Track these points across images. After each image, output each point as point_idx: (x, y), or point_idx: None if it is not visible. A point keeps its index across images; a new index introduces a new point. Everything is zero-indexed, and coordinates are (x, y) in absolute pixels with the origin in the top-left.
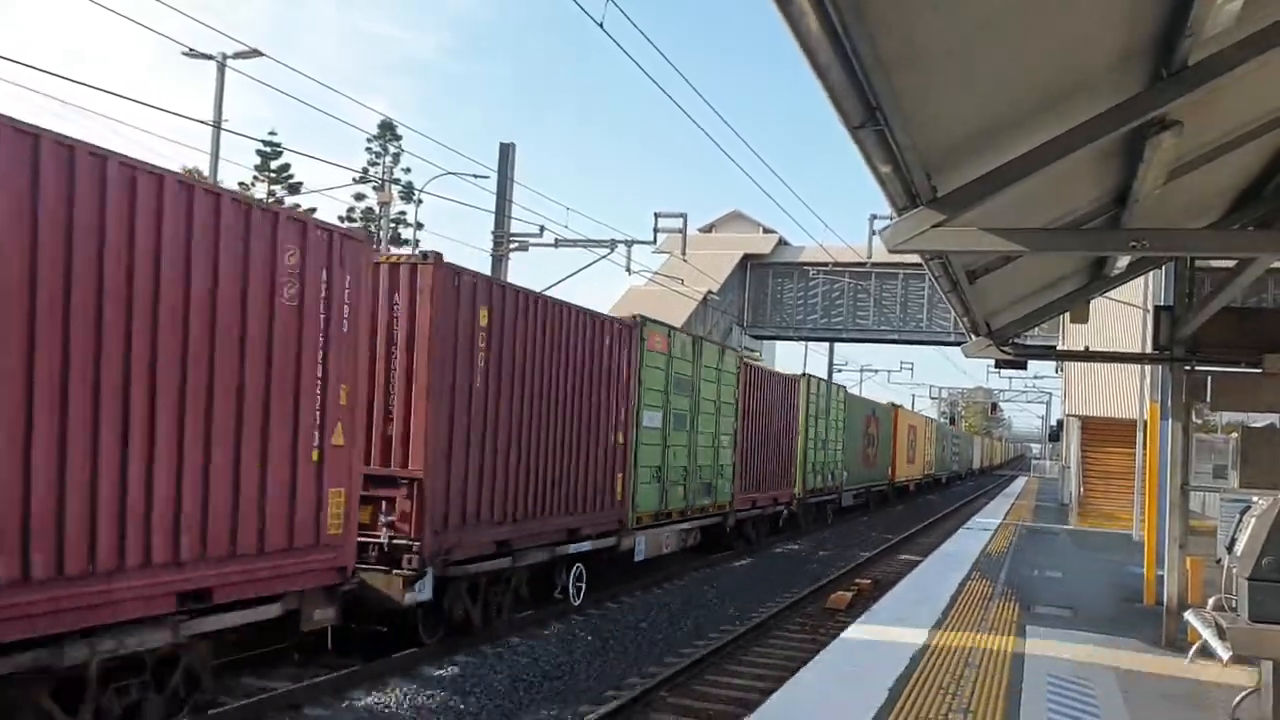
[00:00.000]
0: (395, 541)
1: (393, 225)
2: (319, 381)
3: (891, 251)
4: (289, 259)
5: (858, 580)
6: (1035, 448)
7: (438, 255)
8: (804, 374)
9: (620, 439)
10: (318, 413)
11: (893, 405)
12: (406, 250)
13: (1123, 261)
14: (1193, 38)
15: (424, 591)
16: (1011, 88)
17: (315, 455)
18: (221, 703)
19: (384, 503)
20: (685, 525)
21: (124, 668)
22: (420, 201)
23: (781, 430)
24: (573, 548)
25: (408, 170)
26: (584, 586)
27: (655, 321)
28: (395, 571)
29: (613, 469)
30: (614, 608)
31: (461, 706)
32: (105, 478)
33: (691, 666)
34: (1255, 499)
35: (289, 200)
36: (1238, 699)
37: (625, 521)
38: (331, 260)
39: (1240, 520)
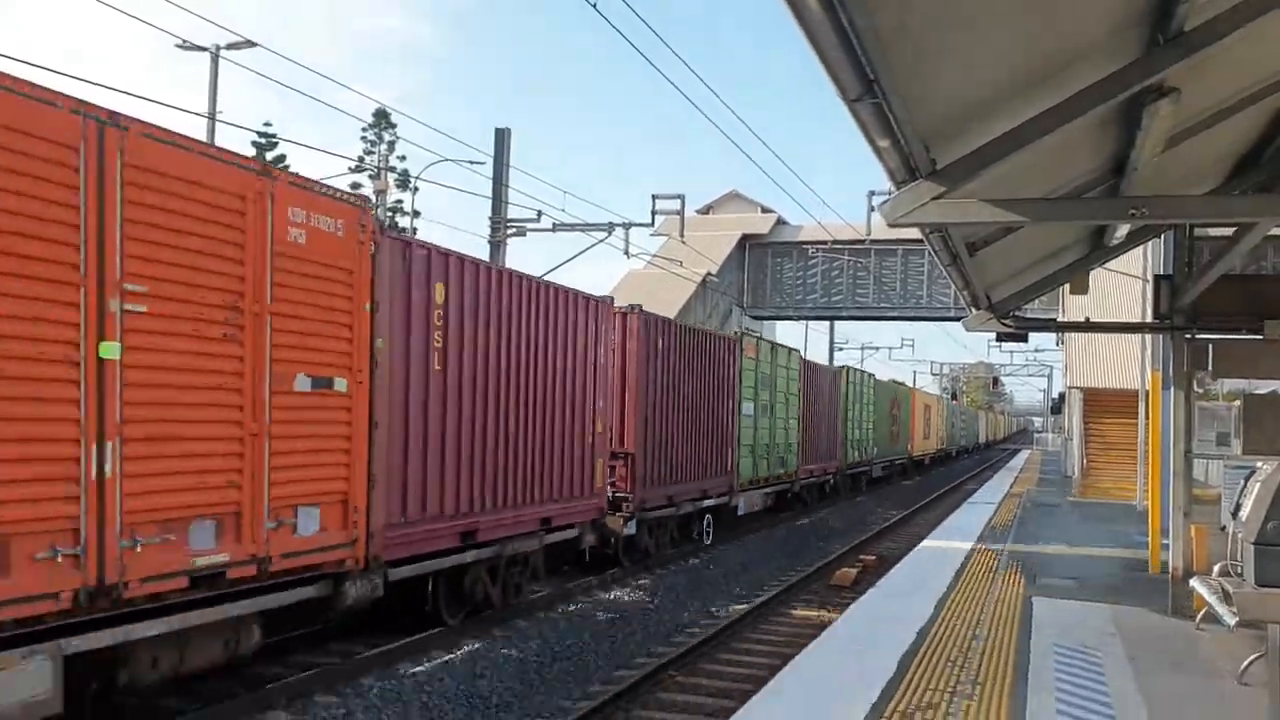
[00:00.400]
0: (618, 495)
1: (389, 214)
2: (592, 394)
3: (891, 225)
4: (598, 328)
5: (869, 555)
6: (1037, 421)
7: (638, 308)
8: (844, 366)
9: (731, 425)
10: (591, 412)
11: (910, 388)
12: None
13: (1122, 231)
14: (1188, 3)
15: (631, 528)
16: (1009, 58)
17: (590, 439)
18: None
19: (612, 469)
20: (768, 490)
21: (512, 561)
22: (416, 189)
23: (828, 413)
24: (705, 503)
25: (403, 158)
26: (711, 531)
27: (749, 333)
28: (618, 514)
29: (727, 447)
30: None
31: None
32: (526, 463)
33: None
34: (1260, 464)
35: None
36: (1245, 664)
37: (734, 486)
38: (598, 320)
39: (1245, 486)
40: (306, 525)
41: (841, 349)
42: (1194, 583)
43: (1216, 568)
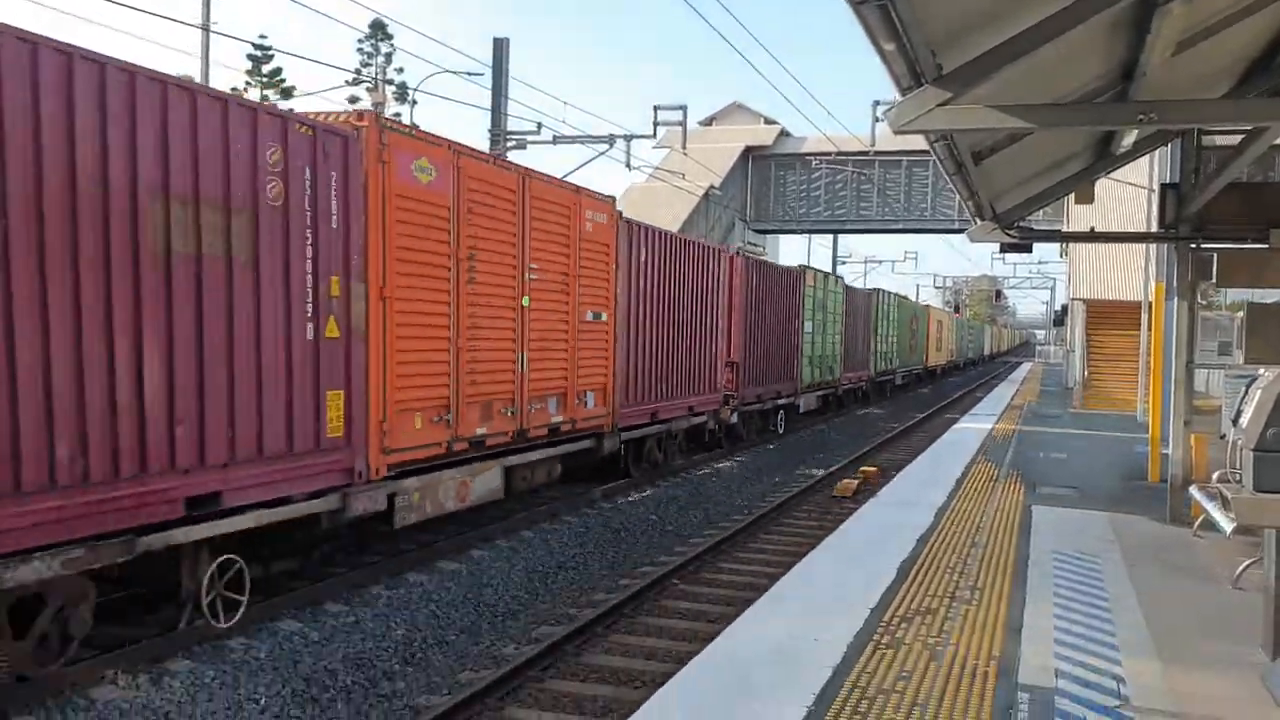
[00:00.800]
0: (727, 393)
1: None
2: (715, 320)
3: (896, 133)
4: (718, 270)
5: (869, 462)
6: (1040, 334)
7: (741, 250)
8: (876, 290)
9: (797, 341)
10: (715, 333)
11: (927, 307)
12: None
13: (1129, 139)
14: None
15: (734, 417)
16: None
17: (715, 351)
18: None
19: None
20: (821, 393)
21: (669, 435)
22: (415, 102)
23: (862, 330)
24: (779, 401)
25: (400, 70)
26: (783, 423)
27: (807, 266)
28: (726, 406)
29: (794, 358)
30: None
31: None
32: (682, 368)
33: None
34: (1262, 372)
35: (282, 105)
36: (1240, 569)
37: (798, 389)
38: (718, 263)
39: (1246, 393)
40: (588, 402)
41: (845, 262)
42: (1192, 490)
43: (1215, 475)
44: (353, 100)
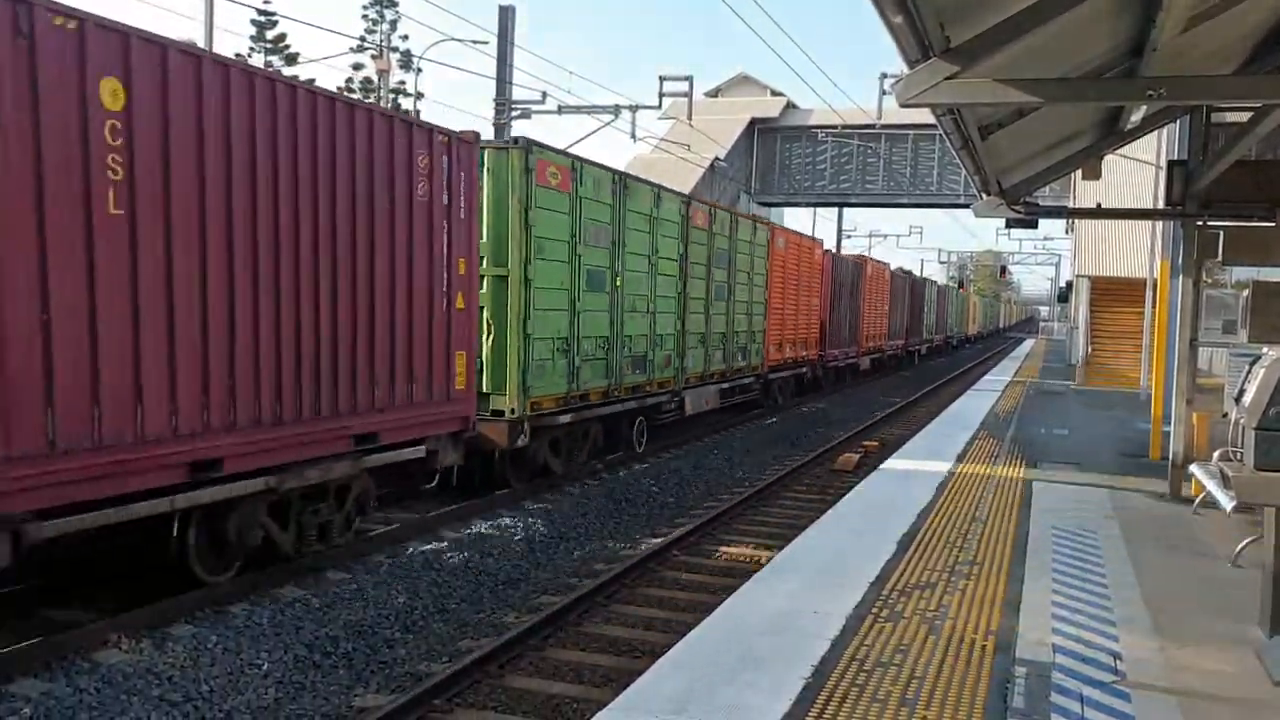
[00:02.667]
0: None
1: (392, 95)
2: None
3: (903, 106)
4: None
5: (880, 432)
6: (1044, 310)
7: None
8: (927, 279)
9: (866, 315)
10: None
11: (970, 293)
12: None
13: (1137, 115)
14: None
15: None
16: None
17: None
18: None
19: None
20: (873, 356)
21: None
22: (420, 70)
23: (915, 307)
24: (851, 361)
25: (405, 37)
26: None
27: (876, 260)
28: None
29: (862, 326)
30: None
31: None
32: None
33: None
34: (1266, 350)
35: (286, 72)
36: (1240, 546)
37: (860, 351)
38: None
39: (1249, 371)
40: (799, 350)
41: (850, 236)
42: (1193, 468)
43: (1216, 453)
44: (357, 68)
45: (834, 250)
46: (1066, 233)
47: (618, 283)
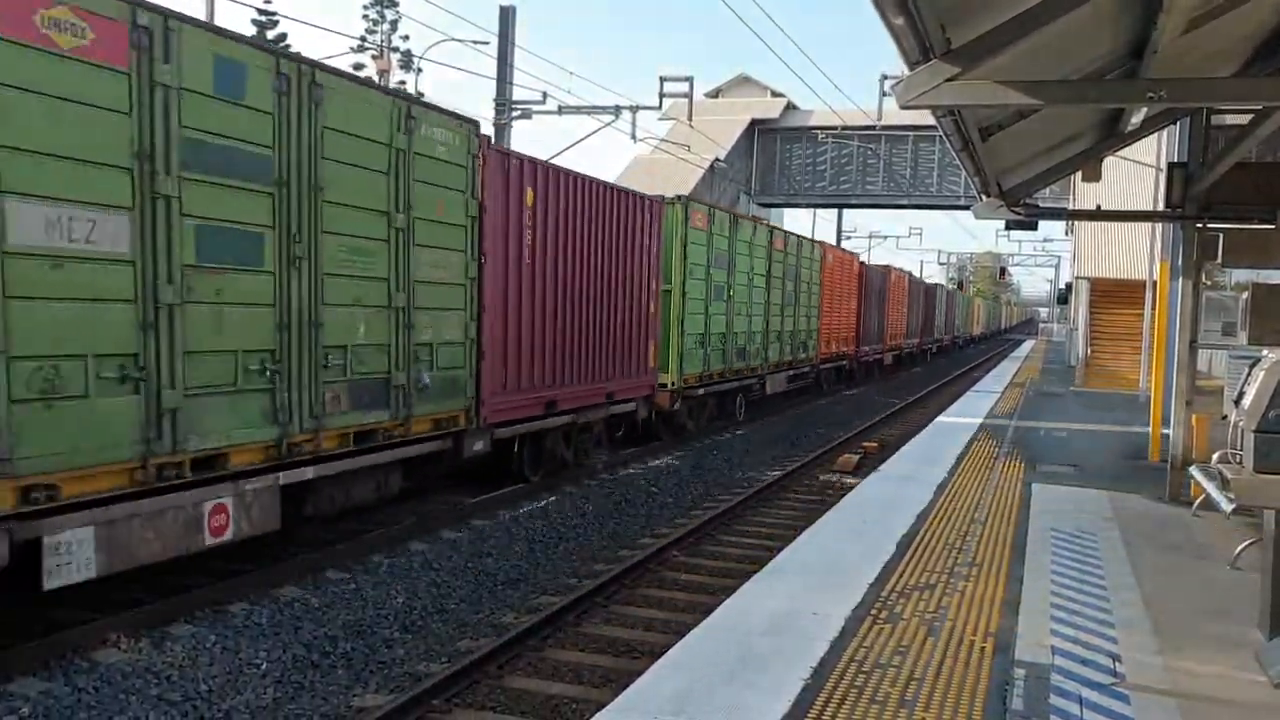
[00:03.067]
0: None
1: None
2: (856, 303)
3: (903, 107)
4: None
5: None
6: (1043, 311)
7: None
8: (940, 284)
9: (893, 316)
10: (853, 311)
11: (974, 297)
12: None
13: (1137, 117)
14: None
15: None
16: None
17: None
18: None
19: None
20: (895, 352)
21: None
22: (420, 70)
23: (932, 310)
24: (871, 357)
25: (406, 38)
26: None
27: (897, 269)
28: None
29: (893, 325)
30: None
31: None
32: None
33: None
34: (1265, 353)
35: None
36: (1239, 549)
37: (885, 347)
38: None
39: (1249, 374)
40: (840, 346)
41: (849, 237)
42: (1193, 470)
43: (1216, 456)
44: (357, 68)
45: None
46: (1066, 234)
47: (731, 294)
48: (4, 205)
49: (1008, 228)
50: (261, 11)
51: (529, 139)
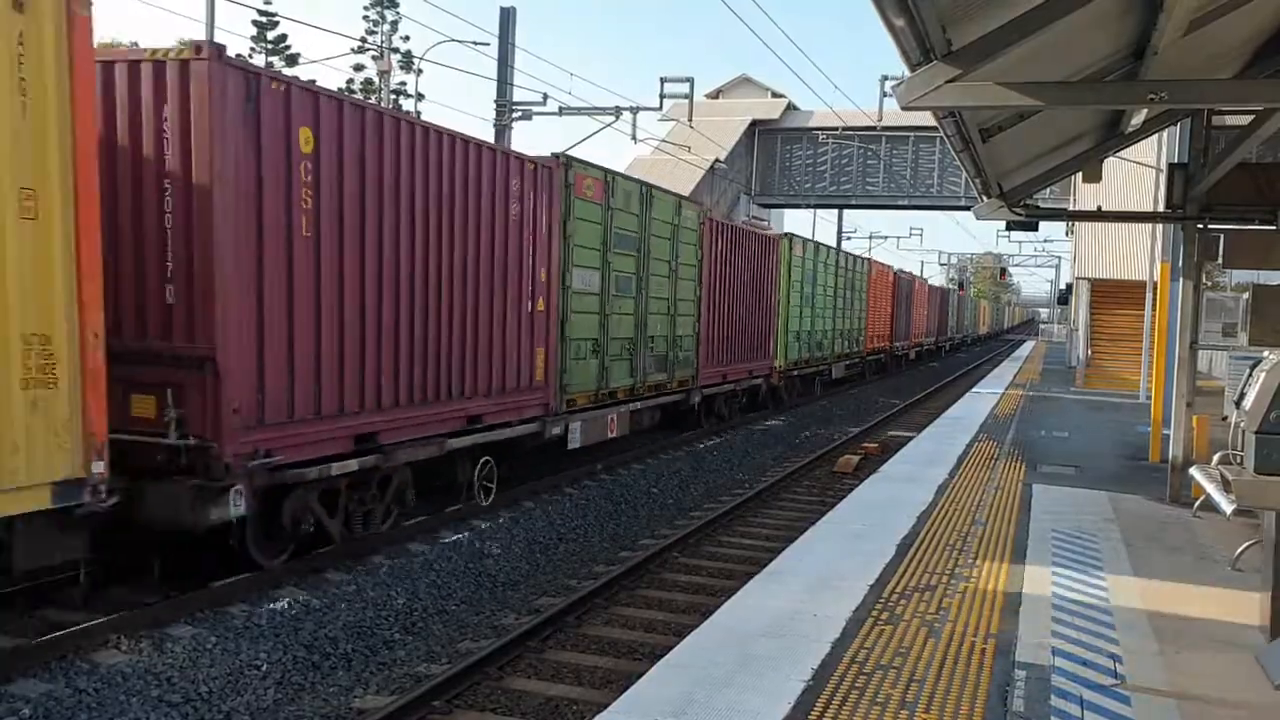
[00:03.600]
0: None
1: (393, 96)
2: (889, 307)
3: (904, 109)
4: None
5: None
6: (1043, 312)
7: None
8: (948, 290)
9: (915, 319)
10: (886, 313)
11: (981, 299)
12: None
13: (1138, 118)
14: None
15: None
16: None
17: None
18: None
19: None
20: (919, 348)
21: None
22: (420, 71)
23: (945, 311)
24: (898, 352)
25: (406, 38)
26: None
27: (919, 277)
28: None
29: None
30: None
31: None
32: None
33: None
34: (1266, 354)
35: (287, 72)
36: (1239, 550)
37: (907, 344)
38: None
39: (1250, 375)
40: (879, 343)
41: (850, 238)
42: (1193, 471)
43: (1216, 457)
44: (358, 69)
45: (900, 272)
46: (1067, 235)
47: (814, 302)
48: (573, 270)
49: (1008, 228)
50: (262, 13)
51: (529, 140)
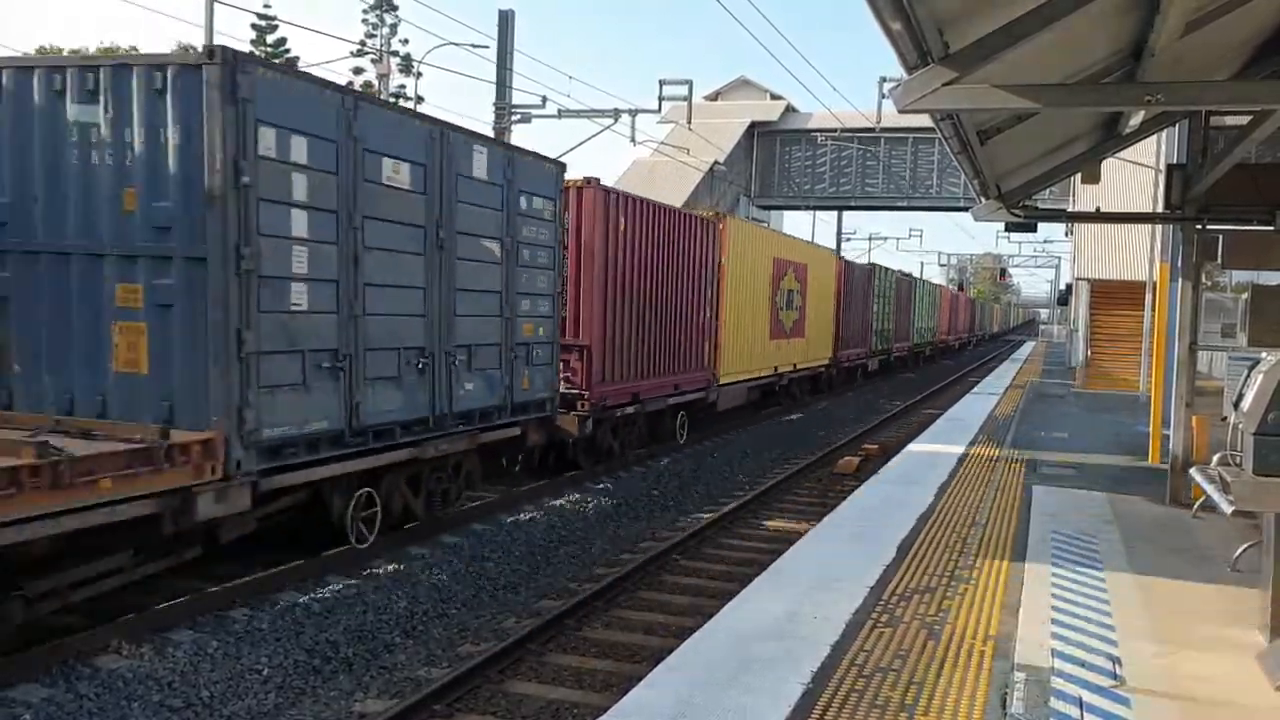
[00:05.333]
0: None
1: (392, 99)
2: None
3: (902, 112)
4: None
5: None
6: (1043, 313)
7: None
8: (974, 299)
9: (932, 317)
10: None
11: (993, 302)
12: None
13: (1136, 119)
14: None
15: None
16: None
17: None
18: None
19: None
20: (937, 346)
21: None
22: (420, 74)
23: (959, 312)
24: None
25: (405, 42)
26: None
27: (948, 287)
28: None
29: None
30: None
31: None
32: None
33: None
34: (1265, 355)
35: None
36: (1238, 551)
37: (917, 342)
38: None
39: (1248, 376)
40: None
41: (849, 239)
42: (1193, 472)
43: (1216, 458)
44: (357, 72)
45: (946, 285)
46: (1066, 235)
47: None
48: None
49: (1007, 229)
50: (261, 16)
51: (529, 141)
